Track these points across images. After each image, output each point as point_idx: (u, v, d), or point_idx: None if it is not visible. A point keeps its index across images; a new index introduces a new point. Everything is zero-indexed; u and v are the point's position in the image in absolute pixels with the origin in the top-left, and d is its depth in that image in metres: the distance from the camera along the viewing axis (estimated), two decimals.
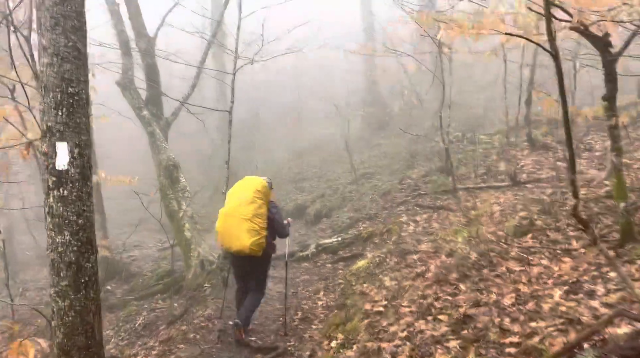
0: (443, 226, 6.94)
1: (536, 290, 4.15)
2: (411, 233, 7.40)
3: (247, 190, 4.99)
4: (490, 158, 9.30)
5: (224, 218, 4.95)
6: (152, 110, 10.06)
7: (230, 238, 4.83)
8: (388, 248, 6.87)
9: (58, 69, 3.20)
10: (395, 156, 14.05)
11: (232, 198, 5.03)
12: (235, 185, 5.27)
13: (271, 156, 18.27)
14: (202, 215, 15.09)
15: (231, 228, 4.81)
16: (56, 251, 3.29)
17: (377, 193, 10.86)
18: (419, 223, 7.73)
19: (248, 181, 5.21)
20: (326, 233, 10.53)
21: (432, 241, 6.25)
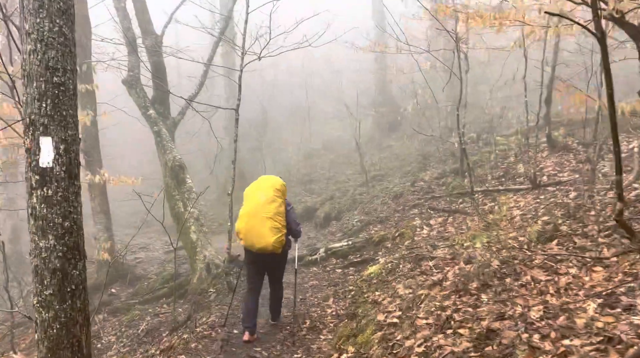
0: (459, 231, 6.55)
1: (566, 303, 3.76)
2: (425, 238, 7.02)
3: (267, 189, 4.95)
4: (507, 159, 8.90)
5: (246, 217, 4.91)
6: (158, 109, 9.79)
7: (253, 237, 4.83)
8: (401, 253, 6.50)
9: (42, 57, 2.89)
10: (407, 158, 13.68)
11: (252, 197, 4.98)
12: (252, 184, 5.20)
13: (279, 158, 17.97)
14: (209, 217, 14.83)
15: (254, 227, 4.81)
16: (39, 256, 2.98)
17: (388, 195, 10.48)
18: (433, 227, 7.36)
19: (266, 180, 5.15)
20: (336, 236, 10.18)
21: (449, 246, 5.87)
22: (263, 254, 4.90)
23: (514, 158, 8.67)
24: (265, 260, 5.03)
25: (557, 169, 7.52)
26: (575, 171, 7.21)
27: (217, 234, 13.66)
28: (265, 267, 5.20)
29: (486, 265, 4.73)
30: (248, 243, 4.90)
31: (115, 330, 7.80)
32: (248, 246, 4.94)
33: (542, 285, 4.18)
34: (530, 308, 3.84)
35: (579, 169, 7.28)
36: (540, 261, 4.62)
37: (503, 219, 6.17)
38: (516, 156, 8.66)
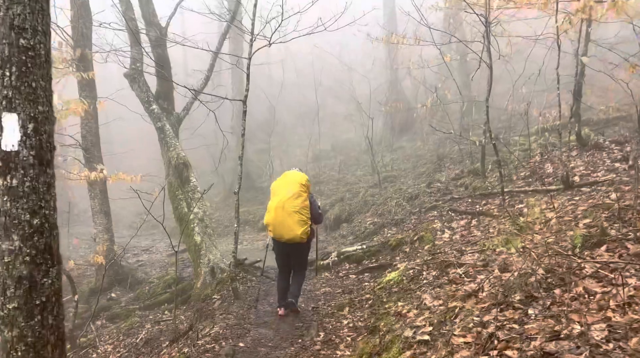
0: (487, 235, 5.92)
1: (635, 320, 3.13)
2: (448, 242, 6.39)
3: (293, 184, 5.30)
4: (531, 159, 8.25)
5: (274, 211, 5.26)
6: (162, 104, 9.24)
7: (282, 229, 5.23)
8: (423, 258, 5.88)
9: (5, 13, 2.31)
10: (420, 159, 13.05)
11: (280, 192, 5.31)
12: (279, 179, 5.54)
13: (288, 159, 17.38)
14: (214, 219, 14.24)
15: (283, 220, 5.19)
16: (1, 262, 2.39)
17: (402, 197, 9.86)
18: (456, 230, 6.73)
19: (292, 175, 5.48)
20: (347, 239, 9.56)
21: (479, 252, 5.24)
22: (290, 244, 5.33)
23: (539, 157, 8.02)
24: (291, 249, 5.44)
25: (590, 169, 6.87)
26: (610, 171, 6.56)
27: (222, 237, 13.09)
28: (291, 254, 5.57)
29: (527, 274, 4.10)
30: (277, 234, 5.30)
31: (112, 338, 7.21)
32: (277, 237, 5.33)
33: (599, 298, 3.54)
34: (590, 326, 3.21)
35: (614, 168, 6.63)
36: (592, 269, 3.98)
37: (536, 222, 5.54)
38: (542, 155, 8.01)
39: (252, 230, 12.72)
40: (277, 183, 5.49)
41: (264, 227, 13.04)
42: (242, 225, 13.09)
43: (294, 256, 5.61)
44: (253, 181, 15.39)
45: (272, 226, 5.32)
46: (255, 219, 13.04)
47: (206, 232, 8.30)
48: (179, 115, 9.35)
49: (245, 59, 5.94)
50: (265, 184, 15.12)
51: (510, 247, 4.98)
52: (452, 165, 11.36)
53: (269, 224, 5.39)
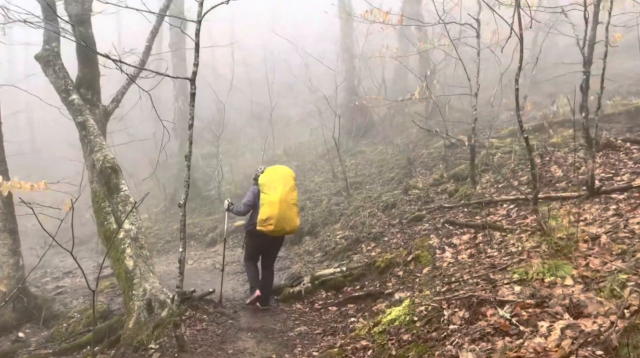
0: (508, 255, 4.53)
1: None
2: (453, 263, 4.96)
3: (288, 178, 5.49)
4: (519, 163, 7.04)
5: (279, 204, 5.29)
6: (84, 94, 7.28)
7: (284, 222, 5.34)
8: (434, 288, 4.40)
9: None
10: (386, 164, 11.70)
11: (278, 185, 5.37)
12: (270, 174, 5.52)
13: (237, 165, 15.57)
14: (153, 233, 12.20)
15: (286, 213, 5.31)
16: None
17: (376, 206, 8.40)
18: (460, 248, 5.32)
19: (283, 170, 5.65)
20: (315, 257, 7.97)
21: (517, 282, 3.81)
22: (278, 237, 5.60)
23: (539, 158, 6.81)
24: (278, 241, 5.73)
25: (610, 172, 5.70)
26: (637, 174, 5.41)
27: (163, 254, 11.10)
28: (274, 248, 5.82)
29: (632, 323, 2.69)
30: (278, 227, 5.33)
31: None
32: (275, 230, 5.35)
33: None
34: None
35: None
36: None
37: (577, 239, 4.20)
38: (542, 157, 6.81)
39: (199, 245, 10.84)
40: (270, 177, 5.47)
41: (213, 242, 11.24)
42: (187, 239, 11.14)
43: (275, 250, 5.84)
44: (199, 189, 13.45)
45: (275, 219, 5.27)
46: (203, 233, 11.16)
47: (141, 254, 6.43)
48: (107, 108, 7.42)
49: (192, 23, 4.26)
50: (212, 192, 13.25)
51: (564, 275, 3.60)
52: (423, 169, 10.08)
53: (270, 217, 5.29)
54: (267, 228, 5.31)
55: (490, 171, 7.69)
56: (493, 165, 6.62)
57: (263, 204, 5.35)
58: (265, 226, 5.32)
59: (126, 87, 7.47)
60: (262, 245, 5.65)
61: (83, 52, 7.38)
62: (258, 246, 5.68)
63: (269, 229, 5.31)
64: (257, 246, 5.68)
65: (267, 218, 5.29)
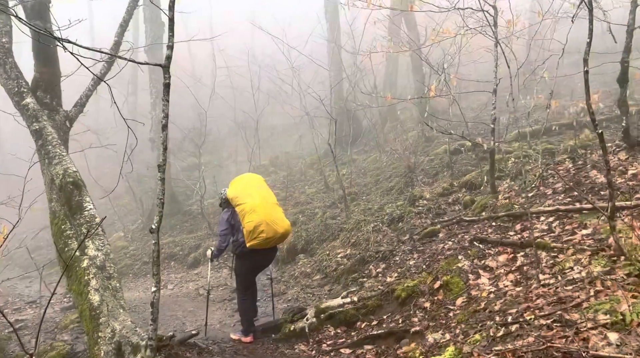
0: (572, 285, 3.54)
1: None
2: (496, 293, 3.96)
3: (258, 181, 4.93)
4: (559, 165, 6.11)
5: (262, 206, 4.58)
6: (42, 98, 6.13)
7: (275, 224, 4.60)
8: (485, 333, 3.37)
9: None
10: (382, 172, 10.74)
11: (251, 190, 4.71)
12: (237, 183, 4.89)
13: (220, 176, 14.42)
14: (129, 254, 10.93)
15: (273, 213, 4.66)
16: None
17: (380, 219, 7.39)
18: (499, 273, 4.32)
19: (249, 176, 5.08)
20: (314, 280, 6.89)
21: (610, 326, 2.81)
22: (272, 248, 4.86)
23: (570, 162, 5.89)
24: (270, 256, 5.00)
25: None
26: None
27: (139, 277, 9.87)
28: (266, 263, 5.14)
29: None
30: (270, 233, 4.55)
31: None
32: (269, 237, 4.55)
33: None
34: None
35: None
36: None
37: None
38: (574, 161, 5.89)
39: (181, 266, 9.65)
40: (239, 186, 4.83)
41: (196, 263, 10.05)
42: (167, 260, 9.97)
43: (268, 264, 5.21)
44: (180, 204, 12.25)
45: (265, 224, 4.53)
46: (184, 253, 9.97)
47: (109, 286, 5.27)
48: (69, 113, 6.27)
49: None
50: (194, 207, 12.06)
51: None
52: (425, 178, 9.13)
53: (260, 223, 4.51)
54: (260, 238, 4.49)
55: (508, 178, 6.76)
56: (516, 172, 5.69)
57: (245, 215, 4.55)
58: (256, 238, 4.51)
59: (92, 88, 6.33)
60: (257, 265, 4.95)
61: (40, 49, 6.26)
62: (253, 268, 4.93)
63: (262, 238, 4.50)
64: (252, 268, 4.90)
65: (255, 228, 4.48)
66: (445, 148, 10.20)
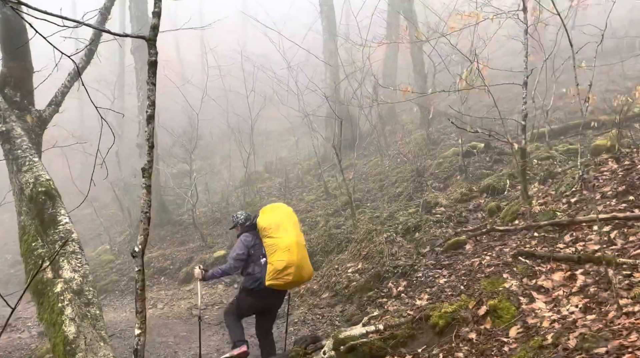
0: None
1: None
2: (561, 322, 3.20)
3: (293, 217, 4.29)
4: (600, 166, 5.38)
5: (297, 248, 4.05)
6: (11, 96, 5.30)
7: (303, 269, 4.10)
8: None
9: None
10: (386, 177, 9.99)
11: (288, 225, 4.14)
12: (273, 212, 4.27)
13: (213, 183, 13.56)
14: (115, 268, 9.98)
15: (305, 257, 4.19)
16: None
17: (393, 228, 6.62)
18: (557, 295, 3.56)
19: (284, 207, 4.40)
20: (323, 298, 6.08)
21: None
22: (284, 291, 4.33)
23: (615, 163, 5.17)
24: (281, 298, 4.39)
25: None
26: None
27: (127, 295, 8.95)
28: (275, 307, 4.43)
29: None
30: (296, 277, 4.07)
31: None
32: (293, 281, 4.07)
33: None
34: None
35: None
36: None
37: None
38: (618, 161, 5.17)
39: (172, 282, 8.76)
40: (275, 217, 4.23)
41: (188, 278, 9.11)
42: (157, 275, 9.07)
43: (277, 309, 4.54)
44: (170, 214, 11.35)
45: (295, 267, 4.04)
46: (175, 267, 9.08)
47: (87, 314, 4.43)
48: (42, 113, 5.41)
49: None
50: (186, 217, 11.18)
51: None
52: (436, 183, 8.39)
53: (291, 265, 4.04)
54: (285, 279, 3.99)
55: (537, 182, 6.04)
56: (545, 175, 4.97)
57: (276, 251, 4.03)
58: (280, 278, 3.99)
59: (69, 84, 5.49)
60: (265, 305, 4.28)
61: (9, 41, 5.41)
62: (258, 307, 4.28)
63: (287, 281, 4.00)
64: (257, 306, 4.27)
65: (284, 268, 3.97)
66: (455, 151, 9.49)
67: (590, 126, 7.64)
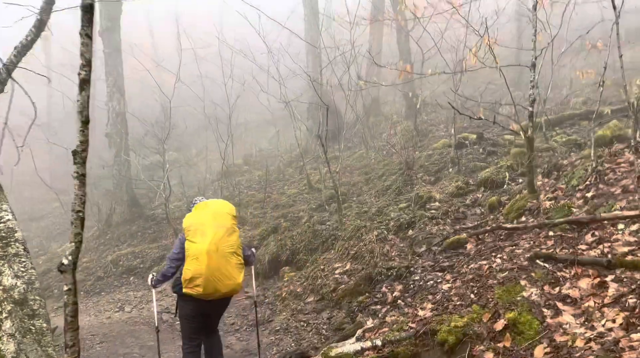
0: None
1: None
2: (600, 342, 2.65)
3: (223, 216, 3.63)
4: (617, 157, 4.87)
5: (206, 256, 3.44)
6: None
7: (217, 282, 3.47)
8: None
9: None
10: (371, 170, 9.39)
11: (208, 229, 3.52)
12: (200, 211, 3.68)
13: (189, 176, 12.77)
14: (84, 266, 9.14)
15: (220, 268, 3.49)
16: None
17: (383, 225, 6.02)
18: (587, 306, 3.01)
19: (217, 205, 3.75)
20: (307, 303, 5.44)
21: None
22: (220, 300, 3.67)
23: (632, 153, 4.66)
24: (218, 306, 3.79)
25: None
26: None
27: (93, 295, 8.16)
28: (215, 314, 3.89)
29: None
30: (209, 290, 3.47)
31: None
32: (206, 294, 3.49)
33: None
34: None
35: None
36: None
37: None
38: (637, 151, 4.66)
39: (142, 282, 8.00)
40: (198, 217, 3.61)
41: None
42: (126, 275, 8.30)
43: (216, 316, 3.93)
44: (141, 208, 10.54)
45: (203, 279, 3.42)
46: (146, 266, 8.32)
47: (31, 329, 3.71)
48: None
49: None
50: (159, 211, 10.40)
51: None
52: (426, 176, 7.83)
53: (197, 277, 3.42)
54: (195, 290, 3.47)
55: (540, 174, 5.51)
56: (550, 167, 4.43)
57: (187, 257, 3.50)
58: (192, 289, 3.48)
59: (16, 59, 4.66)
60: (199, 313, 3.73)
61: None
62: (195, 315, 3.73)
63: (198, 292, 3.47)
64: (193, 315, 3.71)
65: (191, 278, 3.45)
66: (445, 142, 8.96)
67: (587, 117, 7.25)
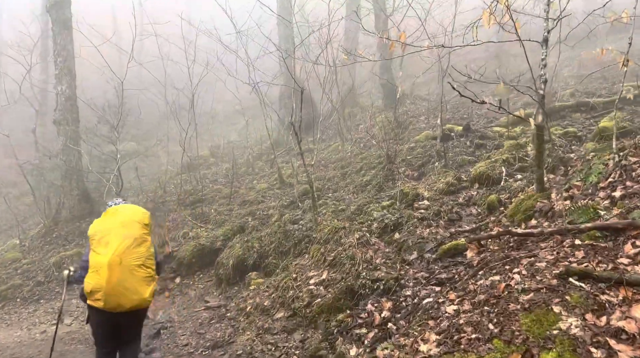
0: None
1: None
2: None
3: (131, 225, 3.29)
4: (636, 149, 4.14)
5: (107, 269, 3.11)
6: None
7: (119, 296, 3.15)
8: None
9: None
10: (348, 164, 8.53)
11: (112, 239, 3.20)
12: (107, 217, 3.36)
13: (149, 169, 11.62)
14: (21, 269, 7.92)
15: (123, 282, 3.15)
16: None
17: (366, 227, 5.16)
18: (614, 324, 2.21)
19: (128, 211, 3.39)
20: (276, 319, 4.52)
21: None
22: (128, 313, 3.27)
23: None
24: (128, 319, 3.36)
25: None
26: None
27: (31, 303, 7.03)
28: (126, 326, 3.44)
29: None
30: (111, 304, 3.17)
31: None
32: (108, 308, 3.18)
33: None
34: None
35: None
36: None
37: None
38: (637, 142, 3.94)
39: None
40: (105, 224, 3.30)
41: None
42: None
43: (129, 328, 3.48)
44: (93, 204, 9.36)
45: (103, 294, 3.12)
46: None
47: None
48: None
49: None
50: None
51: None
52: (409, 170, 7.02)
53: (96, 291, 3.13)
54: (97, 303, 3.15)
55: (545, 170, 4.75)
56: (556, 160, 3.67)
57: (89, 268, 3.21)
58: (94, 302, 3.17)
59: None
60: (106, 323, 3.33)
61: None
62: (102, 325, 3.36)
63: (100, 305, 3.15)
64: (100, 325, 3.36)
65: (91, 291, 3.15)
66: (427, 134, 8.17)
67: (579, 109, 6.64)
